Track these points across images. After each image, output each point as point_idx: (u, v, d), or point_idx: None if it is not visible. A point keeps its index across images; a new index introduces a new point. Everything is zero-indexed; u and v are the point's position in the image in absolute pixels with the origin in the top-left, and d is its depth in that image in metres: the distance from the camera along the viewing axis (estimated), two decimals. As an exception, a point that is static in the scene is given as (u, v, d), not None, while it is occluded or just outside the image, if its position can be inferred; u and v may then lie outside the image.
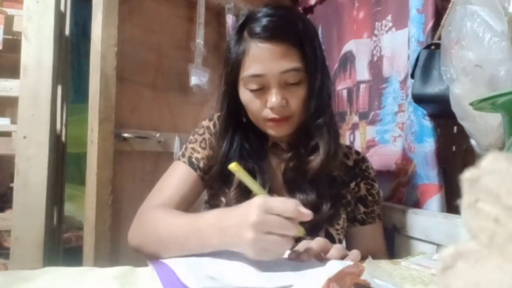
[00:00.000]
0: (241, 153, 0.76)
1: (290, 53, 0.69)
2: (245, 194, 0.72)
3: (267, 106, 0.71)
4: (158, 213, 0.68)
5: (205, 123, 0.84)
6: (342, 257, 0.59)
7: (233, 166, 0.58)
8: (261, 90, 0.71)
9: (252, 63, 0.70)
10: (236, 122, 0.77)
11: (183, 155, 0.80)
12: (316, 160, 0.73)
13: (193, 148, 0.80)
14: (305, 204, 0.72)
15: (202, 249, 0.57)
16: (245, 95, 0.73)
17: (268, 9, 0.72)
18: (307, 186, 0.74)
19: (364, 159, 0.86)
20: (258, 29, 0.69)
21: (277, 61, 0.68)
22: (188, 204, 0.78)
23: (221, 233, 0.55)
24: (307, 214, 0.54)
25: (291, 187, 0.77)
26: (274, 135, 0.75)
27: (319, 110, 0.73)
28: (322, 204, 0.73)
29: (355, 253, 0.61)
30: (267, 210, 0.51)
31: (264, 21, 0.70)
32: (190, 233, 0.60)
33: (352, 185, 0.83)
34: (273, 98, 0.69)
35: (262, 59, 0.69)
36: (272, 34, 0.68)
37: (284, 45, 0.68)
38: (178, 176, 0.77)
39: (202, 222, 0.59)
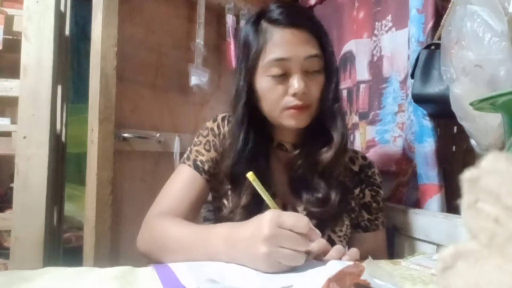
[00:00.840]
0: (252, 153, 0.74)
1: (311, 40, 0.71)
2: (255, 198, 0.70)
3: (288, 94, 0.70)
4: (166, 222, 0.68)
5: (209, 124, 0.82)
6: (341, 257, 0.59)
7: (250, 175, 0.58)
8: (283, 77, 0.70)
9: (275, 47, 0.70)
10: (249, 116, 0.75)
11: (188, 158, 0.79)
12: (328, 152, 0.73)
13: (197, 151, 0.79)
14: (311, 201, 0.73)
15: (208, 260, 0.57)
16: (265, 83, 0.71)
17: (281, 3, 0.74)
18: (316, 182, 0.74)
19: (370, 165, 0.84)
20: (279, 16, 0.71)
21: (301, 45, 0.69)
22: (196, 209, 0.77)
23: (230, 249, 0.55)
24: (317, 233, 0.55)
25: (297, 188, 0.76)
26: (293, 125, 0.73)
27: (335, 99, 0.74)
28: (330, 197, 0.73)
29: (353, 250, 0.60)
30: (279, 224, 0.51)
31: (282, 9, 0.71)
32: (197, 244, 0.59)
33: (357, 191, 0.81)
34: (296, 84, 0.69)
35: (287, 43, 0.69)
36: (294, 20, 0.70)
37: (306, 32, 0.70)
38: (184, 181, 0.76)
39: (210, 235, 0.59)
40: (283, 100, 0.71)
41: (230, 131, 0.78)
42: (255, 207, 0.70)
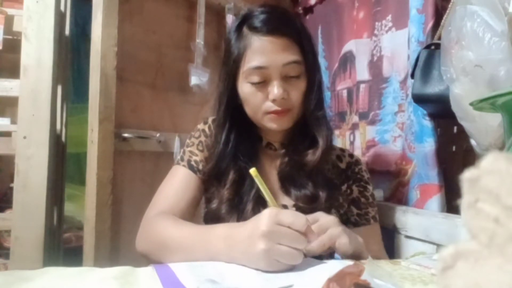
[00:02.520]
0: (236, 152, 0.77)
1: (291, 46, 0.71)
2: (238, 193, 0.74)
3: (268, 99, 0.72)
4: (165, 222, 0.68)
5: (200, 126, 0.85)
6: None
7: (253, 171, 0.59)
8: (263, 83, 0.72)
9: (254, 55, 0.71)
10: (232, 120, 0.78)
11: (182, 159, 0.81)
12: (314, 154, 0.75)
13: (191, 152, 0.81)
14: (300, 198, 0.74)
15: (209, 260, 0.57)
16: (246, 89, 0.73)
17: (265, 8, 0.75)
18: (303, 180, 0.75)
19: (357, 162, 0.86)
20: (258, 23, 0.71)
21: (279, 53, 0.70)
22: (193, 207, 0.78)
23: (230, 248, 0.55)
24: (315, 233, 0.55)
25: (286, 184, 0.77)
26: (274, 128, 0.75)
27: (317, 103, 0.75)
28: (318, 194, 0.74)
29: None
30: (278, 222, 0.52)
31: (264, 16, 0.72)
32: (196, 244, 0.60)
33: (344, 187, 0.83)
34: (275, 90, 0.70)
35: (265, 51, 0.70)
36: (273, 28, 0.70)
37: (285, 38, 0.70)
38: (180, 181, 0.78)
39: (210, 235, 0.59)
40: (264, 105, 0.73)
41: (214, 132, 0.80)
42: (238, 201, 0.73)
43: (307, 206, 0.74)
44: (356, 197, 0.83)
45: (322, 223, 0.61)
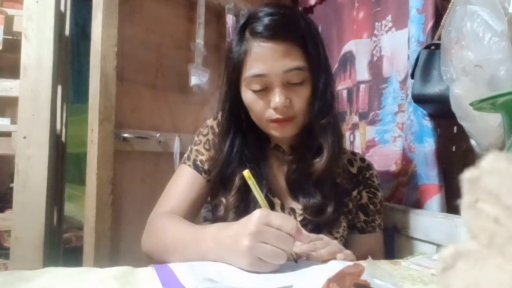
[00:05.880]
0: (241, 157, 0.75)
1: (293, 51, 0.68)
2: (244, 199, 0.72)
3: (270, 107, 0.69)
4: (165, 221, 0.69)
5: (210, 122, 0.83)
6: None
7: (246, 173, 0.58)
8: (264, 91, 0.69)
9: (254, 62, 0.68)
10: (237, 124, 0.76)
11: (188, 158, 0.80)
12: (320, 162, 0.72)
13: (197, 151, 0.80)
14: (308, 207, 0.73)
15: (200, 259, 0.58)
16: (248, 96, 0.71)
17: (270, 8, 0.71)
18: (311, 189, 0.73)
19: (369, 167, 0.83)
20: (260, 28, 0.68)
21: (279, 60, 0.67)
22: (197, 208, 0.78)
23: (218, 246, 0.56)
24: (306, 235, 0.55)
25: (294, 190, 0.76)
26: (278, 136, 0.73)
27: (323, 110, 0.72)
28: (326, 206, 0.73)
29: (348, 252, 0.61)
30: (267, 223, 0.51)
31: (266, 20, 0.68)
32: (189, 243, 0.60)
33: (354, 193, 0.81)
34: (277, 98, 0.68)
35: (265, 58, 0.67)
36: (274, 33, 0.67)
37: (287, 44, 0.67)
38: (184, 181, 0.78)
39: (201, 234, 0.59)
40: (266, 113, 0.71)
41: (218, 139, 0.79)
42: (244, 207, 0.72)
43: (315, 218, 0.72)
44: (365, 203, 0.81)
45: (325, 242, 0.61)
